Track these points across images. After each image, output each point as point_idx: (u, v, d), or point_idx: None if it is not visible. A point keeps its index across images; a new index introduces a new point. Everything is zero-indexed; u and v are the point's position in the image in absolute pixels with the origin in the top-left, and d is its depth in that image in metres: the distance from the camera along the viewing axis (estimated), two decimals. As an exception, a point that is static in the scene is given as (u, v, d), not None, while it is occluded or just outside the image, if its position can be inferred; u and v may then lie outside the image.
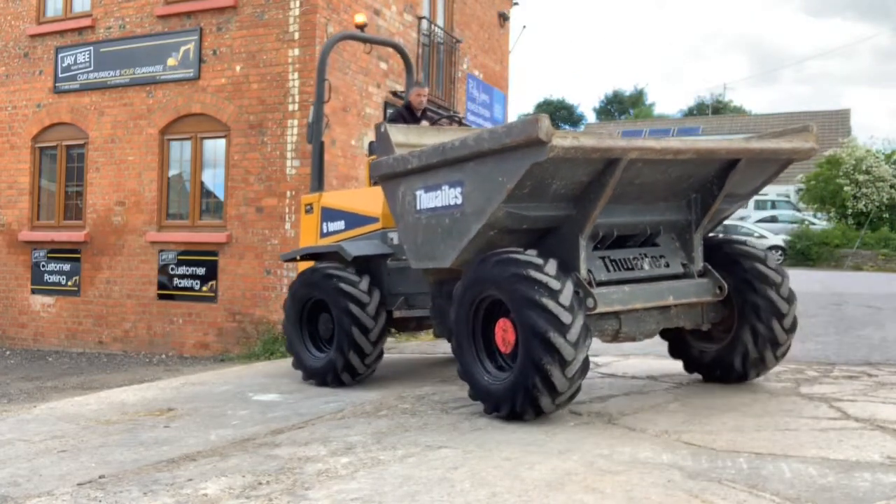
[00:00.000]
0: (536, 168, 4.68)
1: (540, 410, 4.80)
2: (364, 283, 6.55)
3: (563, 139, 4.60)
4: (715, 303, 5.68)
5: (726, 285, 5.62)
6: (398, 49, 9.31)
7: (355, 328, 6.37)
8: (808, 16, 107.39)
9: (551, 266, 4.78)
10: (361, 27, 8.36)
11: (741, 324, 5.68)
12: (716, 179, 5.54)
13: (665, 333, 6.13)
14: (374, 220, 6.94)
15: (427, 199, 5.52)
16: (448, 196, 5.33)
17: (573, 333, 4.61)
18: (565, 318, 4.59)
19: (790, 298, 5.65)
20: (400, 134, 6.49)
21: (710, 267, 5.70)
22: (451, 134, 7.14)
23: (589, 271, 5.13)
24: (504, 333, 5.02)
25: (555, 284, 4.67)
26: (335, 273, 6.59)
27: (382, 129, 6.22)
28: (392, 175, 5.85)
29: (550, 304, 4.60)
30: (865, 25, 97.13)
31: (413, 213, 5.68)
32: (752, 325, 5.61)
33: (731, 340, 5.77)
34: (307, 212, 7.59)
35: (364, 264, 6.76)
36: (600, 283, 5.16)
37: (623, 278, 5.37)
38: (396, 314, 6.76)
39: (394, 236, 6.69)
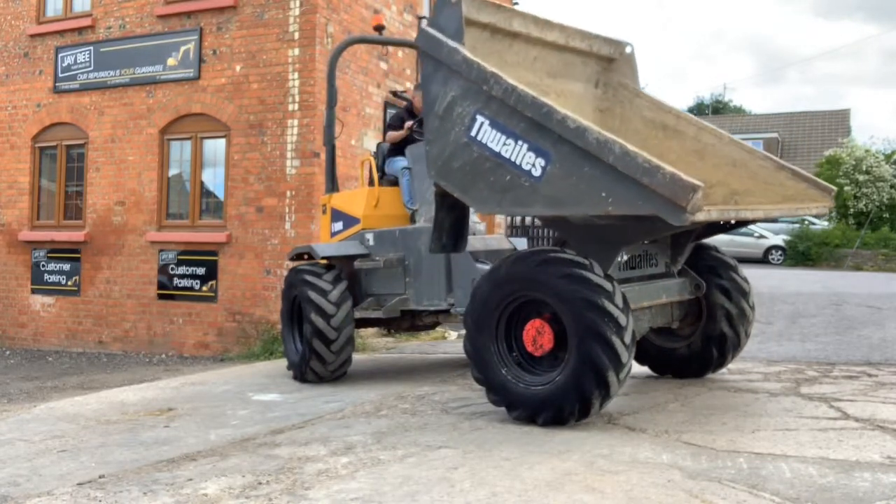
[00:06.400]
0: (651, 216, 4.29)
1: (587, 415, 4.66)
2: (329, 276, 6.69)
3: (706, 213, 4.24)
4: (681, 301, 5.78)
5: (704, 284, 5.78)
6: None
7: (315, 314, 6.47)
8: (817, 17, 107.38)
9: (598, 267, 4.68)
10: (380, 29, 8.31)
11: (712, 308, 5.86)
12: None
13: None
14: (358, 220, 7.10)
15: (488, 135, 4.79)
16: (522, 156, 4.65)
17: (628, 336, 4.57)
18: (622, 320, 4.54)
19: (747, 280, 6.01)
20: (474, 8, 5.22)
21: (686, 266, 5.83)
22: (554, 30, 5.85)
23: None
24: (538, 336, 4.80)
25: (608, 286, 4.58)
26: (303, 268, 6.85)
27: None
28: (447, 66, 5.01)
29: (610, 306, 4.50)
30: (874, 26, 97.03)
31: (462, 132, 4.93)
32: (724, 306, 5.83)
33: (704, 325, 5.91)
34: (323, 212, 7.76)
35: (349, 266, 6.86)
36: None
37: (628, 277, 5.40)
38: (357, 314, 6.77)
39: (370, 237, 6.77)
